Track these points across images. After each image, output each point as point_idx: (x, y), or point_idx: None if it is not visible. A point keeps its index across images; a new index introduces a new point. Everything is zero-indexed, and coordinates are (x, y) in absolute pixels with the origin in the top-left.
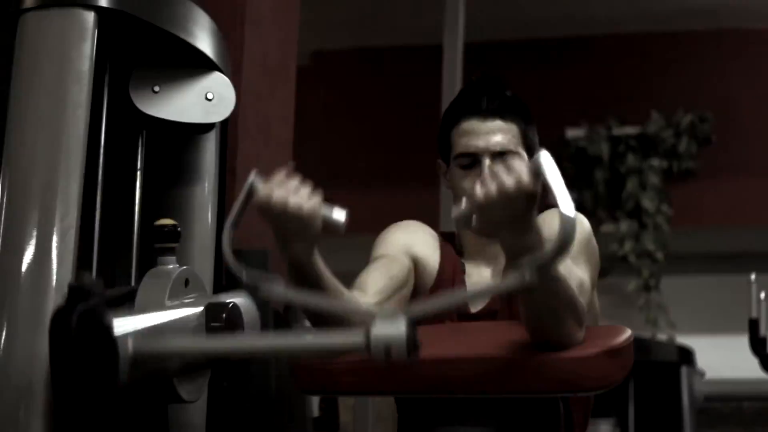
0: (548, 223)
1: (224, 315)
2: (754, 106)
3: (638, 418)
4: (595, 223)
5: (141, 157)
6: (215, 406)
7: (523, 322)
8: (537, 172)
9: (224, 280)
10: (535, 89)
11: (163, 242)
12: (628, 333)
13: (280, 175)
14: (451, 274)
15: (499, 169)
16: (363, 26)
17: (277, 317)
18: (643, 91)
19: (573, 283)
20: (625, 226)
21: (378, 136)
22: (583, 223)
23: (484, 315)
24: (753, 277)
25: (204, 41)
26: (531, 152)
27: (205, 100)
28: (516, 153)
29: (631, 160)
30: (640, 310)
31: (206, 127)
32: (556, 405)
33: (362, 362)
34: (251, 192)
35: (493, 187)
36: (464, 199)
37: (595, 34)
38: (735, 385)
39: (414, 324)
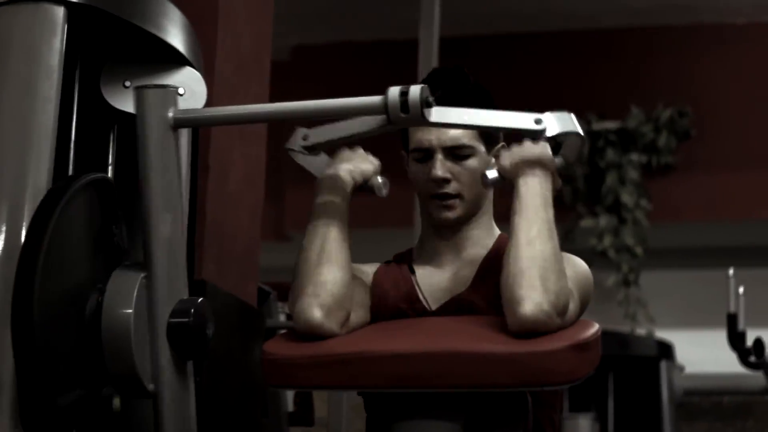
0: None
1: (192, 310)
2: (732, 100)
3: (618, 412)
4: (575, 218)
5: (113, 152)
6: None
7: (504, 278)
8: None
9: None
10: (514, 84)
11: None
12: (595, 327)
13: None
14: (391, 283)
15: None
16: (343, 21)
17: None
18: (623, 85)
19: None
20: (604, 221)
21: None
22: (583, 266)
23: (446, 312)
24: (731, 271)
25: (175, 36)
26: (490, 143)
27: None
28: (470, 146)
29: (610, 154)
30: (619, 304)
31: None
32: (524, 399)
33: (329, 356)
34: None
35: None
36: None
37: (574, 29)
38: (714, 380)
39: (426, 85)
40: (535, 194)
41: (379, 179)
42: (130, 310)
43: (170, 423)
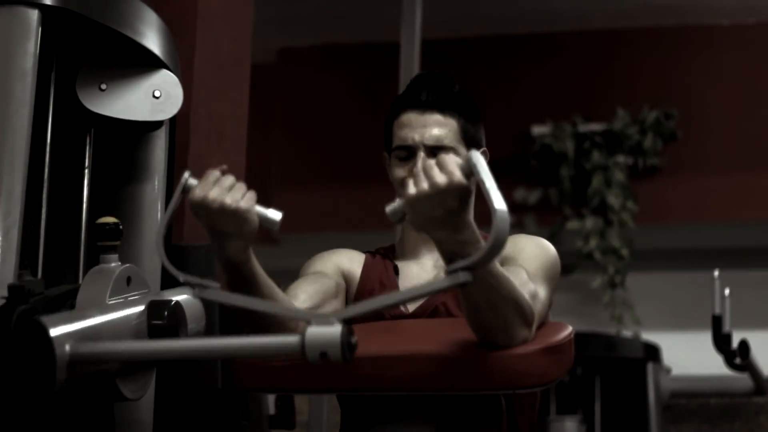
0: (514, 242)
1: (166, 313)
2: (718, 102)
3: (604, 414)
4: (561, 220)
5: (89, 155)
6: (165, 403)
7: (466, 319)
8: (469, 171)
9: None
10: (500, 86)
11: (105, 240)
12: (568, 330)
13: (214, 174)
14: (377, 280)
15: (431, 165)
16: (329, 23)
17: (223, 314)
18: (608, 87)
19: (516, 281)
20: (590, 222)
21: (344, 132)
22: (550, 249)
23: (422, 314)
24: (716, 273)
25: (151, 39)
26: (472, 148)
27: (152, 97)
28: (452, 148)
29: (596, 156)
30: (605, 306)
31: (154, 125)
32: (498, 402)
33: (300, 360)
34: (185, 191)
35: (424, 184)
36: (398, 197)
37: (560, 31)
38: (701, 382)
39: (349, 326)
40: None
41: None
42: None
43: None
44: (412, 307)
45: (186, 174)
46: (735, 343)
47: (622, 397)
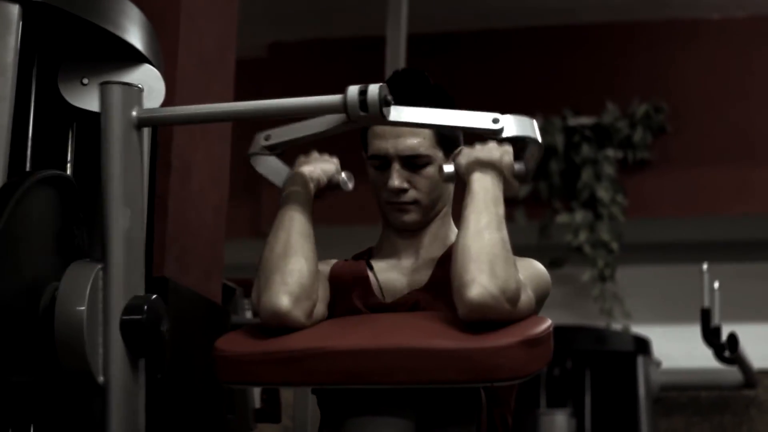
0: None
1: (145, 307)
2: (708, 95)
3: (594, 407)
4: (550, 214)
5: (71, 150)
6: (151, 397)
7: (455, 251)
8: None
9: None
10: (489, 80)
11: None
12: (547, 323)
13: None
14: (349, 277)
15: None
16: (320, 18)
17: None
18: (598, 81)
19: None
20: (580, 216)
21: None
22: (542, 269)
23: (401, 307)
24: (705, 266)
25: (133, 33)
26: (448, 150)
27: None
28: (427, 156)
29: (586, 150)
30: (595, 300)
31: None
32: (477, 394)
33: (280, 353)
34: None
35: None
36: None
37: (550, 25)
38: (691, 375)
39: (385, 84)
40: (486, 191)
41: (343, 175)
42: (83, 307)
43: (118, 418)
44: (390, 300)
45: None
46: (725, 336)
47: (612, 390)
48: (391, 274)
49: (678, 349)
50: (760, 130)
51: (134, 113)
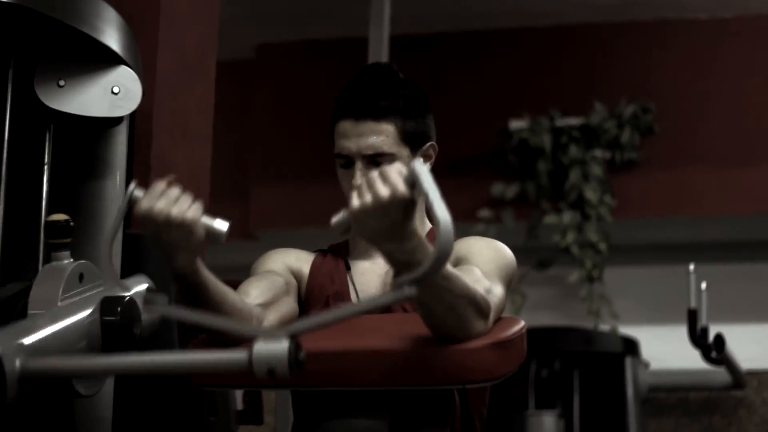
0: (467, 243)
1: (119, 309)
2: (696, 96)
3: (583, 409)
4: (538, 215)
5: (48, 152)
6: (129, 399)
7: (422, 320)
8: (413, 181)
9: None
10: (478, 81)
11: (56, 238)
12: (519, 325)
13: (160, 185)
14: (327, 275)
15: (374, 177)
16: (307, 19)
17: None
18: (586, 81)
19: (469, 279)
20: (567, 217)
21: (322, 128)
22: (505, 249)
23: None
24: (692, 267)
25: (109, 35)
26: (415, 146)
27: (110, 94)
28: (391, 154)
29: (573, 151)
30: (582, 301)
31: (114, 121)
32: (451, 395)
33: None
34: (132, 202)
35: (368, 198)
36: (343, 209)
37: (537, 25)
38: (680, 376)
39: (296, 341)
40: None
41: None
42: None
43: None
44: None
45: (132, 185)
46: (712, 337)
47: (600, 391)
48: (366, 275)
49: (666, 350)
50: (748, 131)
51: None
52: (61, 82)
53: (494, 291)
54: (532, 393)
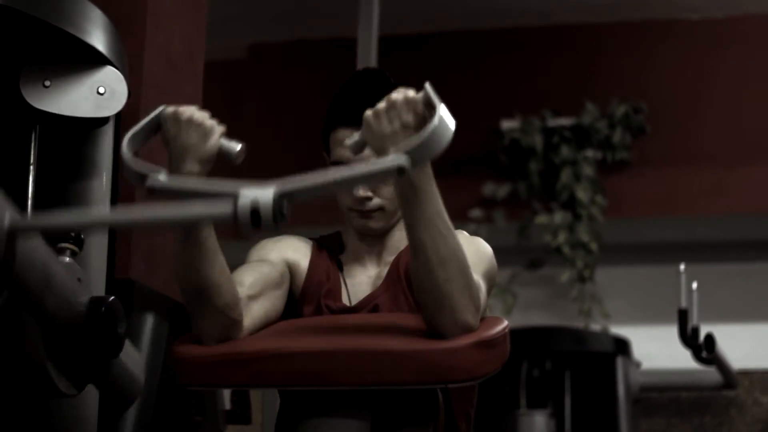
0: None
1: (103, 308)
2: (687, 96)
3: (574, 408)
4: (530, 215)
5: (34, 152)
6: (114, 399)
7: (415, 286)
8: (426, 99)
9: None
10: (469, 81)
11: (66, 243)
12: (503, 324)
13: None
14: (324, 272)
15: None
16: (300, 19)
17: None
18: (577, 82)
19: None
20: (559, 217)
21: (314, 128)
22: (488, 249)
23: (363, 309)
24: (682, 267)
25: (95, 36)
26: None
27: (96, 94)
28: None
29: (565, 151)
30: (573, 301)
31: (100, 122)
32: (434, 395)
33: (238, 354)
34: (158, 120)
35: (383, 103)
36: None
37: (529, 26)
38: (671, 376)
39: (283, 195)
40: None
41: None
42: None
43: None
44: (354, 302)
45: (162, 107)
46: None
47: (591, 391)
48: (356, 277)
49: (658, 349)
50: (739, 131)
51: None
52: (47, 83)
53: (481, 287)
54: (524, 392)
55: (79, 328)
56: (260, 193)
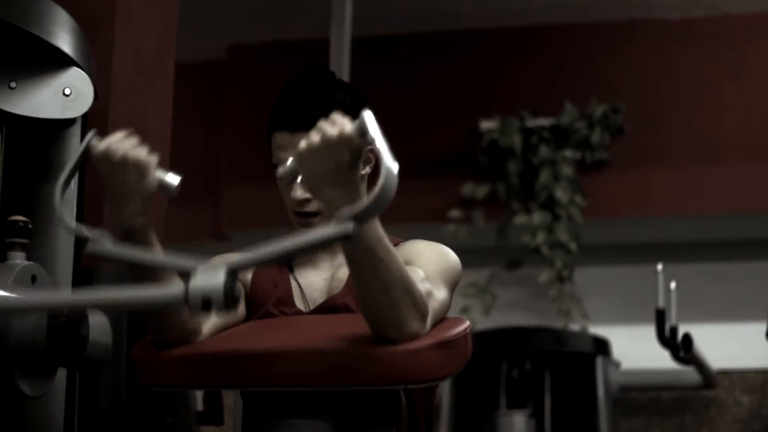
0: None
1: (65, 310)
2: (666, 96)
3: (554, 408)
4: (508, 215)
5: (0, 154)
6: (87, 400)
7: (359, 304)
8: (361, 130)
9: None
10: (448, 81)
11: (13, 237)
12: (464, 326)
13: (119, 133)
14: (270, 281)
15: (323, 122)
16: (279, 20)
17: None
18: (556, 82)
19: (414, 276)
20: (538, 217)
21: None
22: (450, 254)
23: (320, 313)
24: (659, 267)
25: (61, 37)
26: None
27: (62, 95)
28: None
29: (544, 151)
30: (552, 301)
31: (67, 123)
32: (397, 396)
33: (198, 356)
34: (88, 149)
35: (316, 137)
36: (290, 158)
37: (507, 26)
38: (651, 375)
39: (234, 275)
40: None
41: (166, 174)
42: None
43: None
44: (312, 306)
45: (91, 133)
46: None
47: (571, 391)
48: (310, 279)
49: (637, 349)
50: (717, 131)
51: None
52: (13, 84)
53: (435, 295)
54: (503, 393)
55: (42, 352)
56: (210, 279)
